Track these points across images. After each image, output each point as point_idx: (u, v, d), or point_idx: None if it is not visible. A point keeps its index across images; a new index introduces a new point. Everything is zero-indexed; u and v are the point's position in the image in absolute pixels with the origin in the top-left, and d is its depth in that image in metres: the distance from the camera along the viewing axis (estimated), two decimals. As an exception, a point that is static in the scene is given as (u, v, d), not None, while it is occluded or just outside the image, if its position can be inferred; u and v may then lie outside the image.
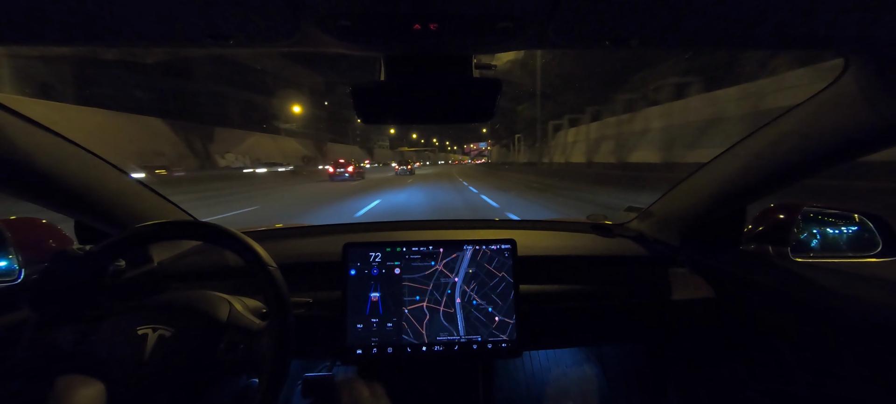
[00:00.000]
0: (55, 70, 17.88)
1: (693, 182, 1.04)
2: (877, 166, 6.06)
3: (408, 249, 0.89)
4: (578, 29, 0.51)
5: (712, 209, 1.01)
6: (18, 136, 0.68)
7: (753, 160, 0.85)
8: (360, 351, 0.85)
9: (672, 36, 0.53)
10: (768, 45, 0.57)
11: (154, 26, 0.50)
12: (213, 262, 1.01)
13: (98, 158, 0.83)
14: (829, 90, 0.67)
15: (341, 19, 0.48)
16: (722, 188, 0.95)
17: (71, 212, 0.85)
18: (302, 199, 11.52)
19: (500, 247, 0.90)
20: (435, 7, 0.46)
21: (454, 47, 0.59)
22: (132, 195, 0.93)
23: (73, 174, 0.78)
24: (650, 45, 0.57)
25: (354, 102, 0.65)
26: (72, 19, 0.47)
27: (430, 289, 0.87)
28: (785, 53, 8.66)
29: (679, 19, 0.49)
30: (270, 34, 0.52)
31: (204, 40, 0.52)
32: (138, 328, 0.63)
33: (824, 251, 0.95)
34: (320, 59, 38.18)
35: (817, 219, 0.95)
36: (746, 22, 0.49)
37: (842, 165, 0.74)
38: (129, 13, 0.46)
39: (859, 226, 0.92)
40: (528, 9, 0.46)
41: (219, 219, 7.49)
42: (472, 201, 9.68)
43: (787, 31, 0.51)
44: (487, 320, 0.87)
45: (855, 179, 6.16)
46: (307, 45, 0.56)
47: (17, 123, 0.68)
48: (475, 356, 0.87)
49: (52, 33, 0.51)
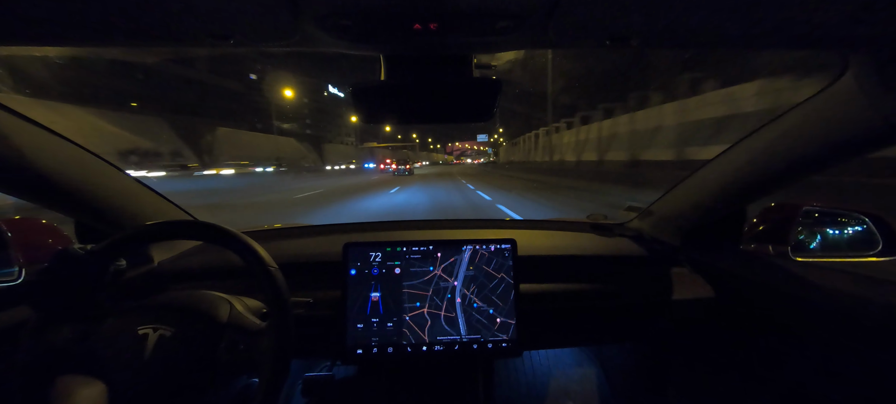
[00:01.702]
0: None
1: (693, 181, 1.04)
2: (870, 162, 6.05)
3: (408, 249, 0.89)
4: (578, 28, 0.51)
5: (712, 209, 1.01)
6: (18, 136, 0.68)
7: (753, 160, 0.85)
8: (361, 351, 0.85)
9: (672, 36, 0.54)
10: (768, 44, 0.57)
11: (154, 26, 0.50)
12: (213, 262, 1.01)
13: (98, 158, 0.83)
14: (829, 89, 0.67)
15: (341, 19, 0.48)
16: (722, 188, 0.95)
17: (71, 212, 0.85)
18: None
19: (500, 246, 0.90)
20: (435, 7, 0.46)
21: (454, 47, 0.59)
22: (132, 195, 0.93)
23: (74, 174, 0.78)
24: (650, 45, 0.57)
25: (354, 102, 0.65)
26: (71, 20, 0.47)
27: (430, 294, 0.87)
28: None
29: (679, 19, 0.49)
30: (270, 34, 0.52)
31: (204, 40, 0.52)
32: (139, 328, 0.63)
33: (824, 251, 0.95)
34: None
35: (817, 219, 0.95)
36: (746, 22, 0.49)
37: (842, 165, 0.74)
38: (128, 14, 0.46)
39: (859, 225, 0.92)
40: (527, 8, 0.46)
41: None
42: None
43: (786, 30, 0.51)
44: (489, 322, 0.87)
45: (841, 174, 6.14)
46: (307, 45, 0.56)
47: (16, 123, 0.68)
48: (475, 356, 0.87)
49: (50, 34, 0.51)
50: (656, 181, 10.38)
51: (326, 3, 0.45)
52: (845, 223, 0.94)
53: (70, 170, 0.78)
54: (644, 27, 0.51)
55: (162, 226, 0.70)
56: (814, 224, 0.95)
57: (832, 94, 0.67)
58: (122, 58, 24.47)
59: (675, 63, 16.00)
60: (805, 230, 0.95)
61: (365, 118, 0.68)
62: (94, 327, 0.64)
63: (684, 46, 0.58)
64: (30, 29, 0.49)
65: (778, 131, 0.79)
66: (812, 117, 0.72)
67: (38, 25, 0.48)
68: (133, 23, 0.49)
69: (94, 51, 3.93)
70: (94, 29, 0.49)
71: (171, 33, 0.52)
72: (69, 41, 0.53)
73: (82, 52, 1.83)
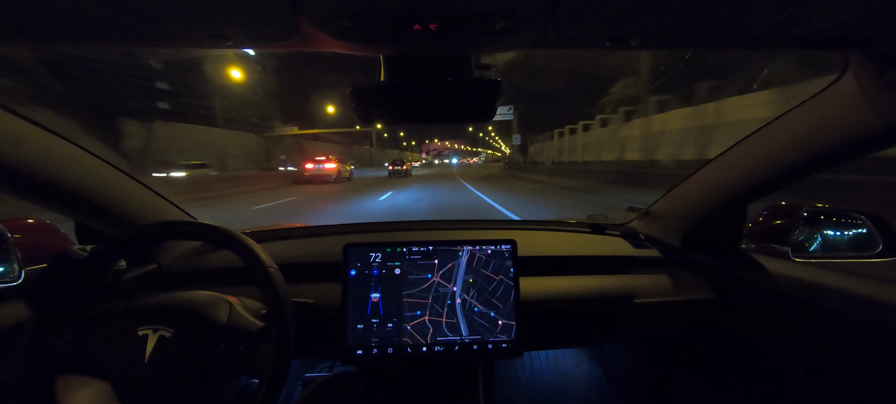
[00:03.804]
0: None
1: (693, 182, 1.04)
2: (871, 159, 6.00)
3: (408, 249, 0.89)
4: (578, 28, 0.51)
5: (712, 209, 1.01)
6: (18, 137, 0.68)
7: (753, 160, 0.85)
8: (361, 352, 0.85)
9: (672, 36, 0.54)
10: (768, 44, 0.57)
11: (153, 27, 0.50)
12: (213, 263, 1.01)
13: (98, 158, 0.83)
14: (830, 89, 0.67)
15: (341, 19, 0.48)
16: (722, 188, 0.95)
17: (71, 212, 0.85)
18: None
19: (500, 247, 0.90)
20: (435, 7, 0.46)
21: (454, 47, 0.59)
22: (132, 195, 0.93)
23: (73, 174, 0.78)
24: (650, 45, 0.57)
25: (354, 103, 0.65)
26: (69, 19, 0.47)
27: (430, 302, 0.87)
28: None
29: (679, 19, 0.49)
30: (270, 34, 0.52)
31: (203, 41, 0.52)
32: (139, 329, 0.63)
33: (824, 251, 0.95)
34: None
35: (817, 219, 0.95)
36: (746, 21, 0.49)
37: (842, 165, 0.74)
38: (128, 14, 0.46)
39: (859, 226, 0.92)
40: (527, 8, 0.46)
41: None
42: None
43: (787, 30, 0.51)
44: (490, 325, 0.88)
45: (841, 172, 6.08)
46: (307, 46, 0.56)
47: (16, 123, 0.68)
48: (475, 356, 0.87)
49: (48, 33, 0.51)
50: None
51: (326, 4, 0.45)
52: (845, 224, 0.94)
53: (70, 170, 0.78)
54: (644, 27, 0.51)
55: (162, 226, 0.70)
56: (814, 224, 0.95)
57: (832, 94, 0.67)
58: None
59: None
60: (805, 231, 0.95)
61: (365, 118, 0.68)
62: (93, 327, 0.64)
63: (684, 46, 0.58)
64: (27, 27, 0.49)
65: (778, 131, 0.79)
66: (812, 117, 0.72)
67: (35, 24, 0.48)
68: (131, 24, 0.49)
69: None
70: (92, 29, 0.49)
71: (170, 34, 0.52)
72: (67, 41, 0.53)
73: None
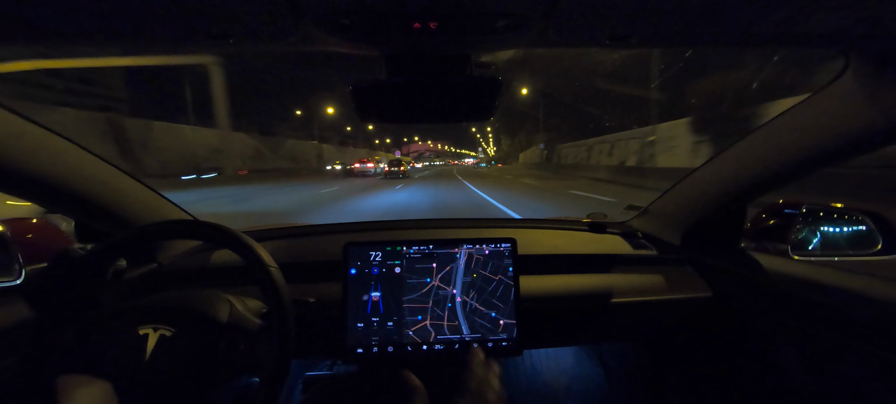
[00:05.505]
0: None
1: (693, 181, 1.04)
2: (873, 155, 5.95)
3: (408, 248, 0.89)
4: (578, 27, 0.51)
5: (712, 208, 1.01)
6: (18, 136, 0.68)
7: (753, 159, 0.85)
8: (361, 351, 0.85)
9: (672, 34, 0.54)
10: (768, 42, 0.57)
11: (153, 27, 0.50)
12: (213, 262, 1.01)
13: (98, 158, 0.83)
14: (830, 88, 0.67)
15: (341, 18, 0.48)
16: (722, 187, 0.95)
17: (71, 212, 0.85)
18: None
19: (499, 246, 0.90)
20: (435, 6, 0.46)
21: (454, 46, 0.59)
22: (132, 195, 0.93)
23: (74, 174, 0.78)
24: (650, 44, 0.57)
25: (354, 101, 0.65)
26: (70, 23, 0.47)
27: (431, 306, 0.87)
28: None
29: (679, 18, 0.49)
30: (270, 34, 0.52)
31: (203, 41, 0.52)
32: (139, 328, 0.63)
33: (824, 249, 0.95)
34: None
35: (817, 218, 0.95)
36: (746, 20, 0.49)
37: (843, 163, 0.74)
38: (128, 15, 0.46)
39: (859, 223, 0.92)
40: (527, 7, 0.46)
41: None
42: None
43: (787, 28, 0.51)
44: (491, 325, 0.88)
45: (841, 168, 6.01)
46: (307, 45, 0.56)
47: (17, 123, 0.68)
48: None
49: (49, 37, 0.51)
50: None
51: (326, 3, 0.45)
52: (845, 221, 0.94)
53: (70, 170, 0.77)
54: (644, 27, 0.51)
55: (162, 225, 0.70)
56: (813, 222, 0.95)
57: (832, 92, 0.67)
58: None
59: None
60: (804, 229, 0.95)
61: (365, 117, 0.68)
62: (94, 327, 0.64)
63: (684, 45, 0.58)
64: (28, 36, 0.49)
65: (778, 130, 0.79)
66: (812, 116, 0.72)
67: (37, 32, 0.48)
68: (132, 24, 0.49)
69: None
70: (93, 31, 0.49)
71: (170, 35, 0.52)
72: (67, 43, 0.53)
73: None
